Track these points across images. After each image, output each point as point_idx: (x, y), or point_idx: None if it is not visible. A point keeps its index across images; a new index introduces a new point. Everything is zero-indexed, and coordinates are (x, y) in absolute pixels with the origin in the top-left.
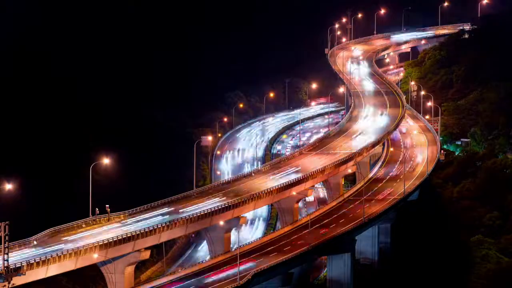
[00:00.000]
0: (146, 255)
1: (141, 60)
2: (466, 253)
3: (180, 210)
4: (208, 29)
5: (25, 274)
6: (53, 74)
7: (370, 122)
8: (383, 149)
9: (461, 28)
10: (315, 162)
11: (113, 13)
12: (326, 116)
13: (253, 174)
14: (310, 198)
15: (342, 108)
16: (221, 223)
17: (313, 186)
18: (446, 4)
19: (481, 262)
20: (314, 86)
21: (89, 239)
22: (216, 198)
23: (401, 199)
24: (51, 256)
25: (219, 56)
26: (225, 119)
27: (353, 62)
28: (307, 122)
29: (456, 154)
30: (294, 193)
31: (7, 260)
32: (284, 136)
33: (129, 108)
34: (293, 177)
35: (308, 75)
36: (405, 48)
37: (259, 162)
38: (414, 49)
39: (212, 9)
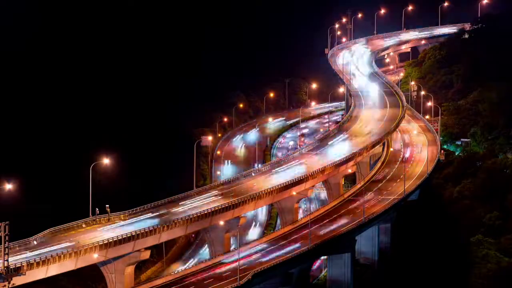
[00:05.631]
0: (146, 255)
1: (141, 60)
2: (466, 253)
3: None
4: (208, 28)
5: (25, 274)
6: (52, 73)
7: (370, 122)
8: (383, 149)
9: (461, 28)
10: (315, 162)
11: (111, 11)
12: (326, 116)
13: (253, 174)
14: None
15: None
16: (221, 223)
17: (313, 186)
18: (446, 4)
19: (481, 262)
20: (314, 86)
21: (89, 239)
22: None
23: (401, 199)
24: (51, 256)
25: (219, 56)
26: (225, 119)
27: (353, 62)
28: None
29: (456, 154)
30: (294, 193)
31: (7, 260)
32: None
33: (129, 108)
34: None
35: (308, 75)
36: (405, 48)
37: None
38: (414, 49)
39: (212, 8)
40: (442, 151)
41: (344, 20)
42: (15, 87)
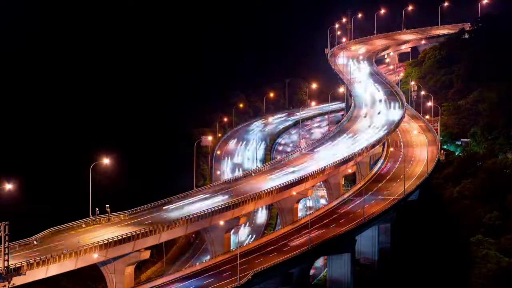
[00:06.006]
0: (146, 255)
1: (141, 60)
2: (466, 253)
3: None
4: (208, 28)
5: (25, 274)
6: (52, 73)
7: (370, 123)
8: (383, 149)
9: (461, 28)
10: (314, 162)
11: (111, 11)
12: (326, 116)
13: (253, 174)
14: None
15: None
16: (221, 223)
17: (313, 186)
18: (446, 4)
19: (481, 262)
20: (314, 86)
21: (89, 239)
22: None
23: (401, 199)
24: (51, 256)
25: (219, 56)
26: (225, 119)
27: (353, 62)
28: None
29: (456, 154)
30: (294, 193)
31: (7, 260)
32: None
33: (129, 108)
34: None
35: (308, 75)
36: (405, 48)
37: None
38: (414, 49)
39: (212, 8)
40: (442, 151)
41: (344, 20)
42: (15, 87)
